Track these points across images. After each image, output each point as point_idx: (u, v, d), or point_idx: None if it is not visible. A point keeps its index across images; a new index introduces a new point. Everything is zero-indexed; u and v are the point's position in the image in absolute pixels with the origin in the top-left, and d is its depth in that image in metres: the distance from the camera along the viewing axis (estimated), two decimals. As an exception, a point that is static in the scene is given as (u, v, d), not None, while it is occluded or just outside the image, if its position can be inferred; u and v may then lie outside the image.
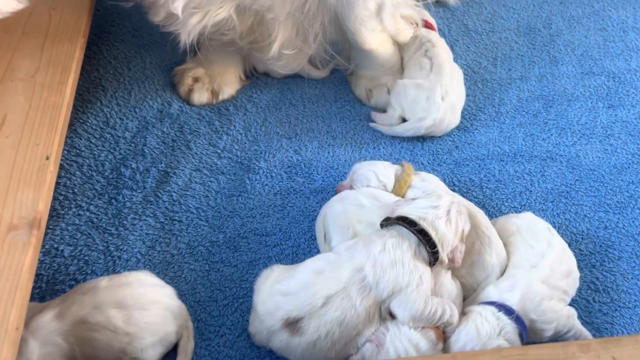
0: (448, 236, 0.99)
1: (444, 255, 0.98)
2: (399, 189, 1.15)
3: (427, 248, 0.97)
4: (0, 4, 0.89)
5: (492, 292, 1.01)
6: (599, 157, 1.34)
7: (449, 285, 1.03)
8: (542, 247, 1.04)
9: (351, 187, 1.16)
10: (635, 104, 1.46)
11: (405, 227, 0.99)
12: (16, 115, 0.98)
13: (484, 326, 0.96)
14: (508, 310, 0.97)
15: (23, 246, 0.82)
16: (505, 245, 1.09)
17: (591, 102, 1.46)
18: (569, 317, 1.01)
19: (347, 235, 1.06)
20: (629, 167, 1.32)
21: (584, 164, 1.32)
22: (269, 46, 1.27)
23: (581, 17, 1.70)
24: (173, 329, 0.96)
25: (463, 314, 1.01)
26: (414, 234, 0.98)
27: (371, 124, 1.38)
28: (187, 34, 1.12)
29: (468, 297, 1.06)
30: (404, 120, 1.35)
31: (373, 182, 1.15)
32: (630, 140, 1.38)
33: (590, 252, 1.18)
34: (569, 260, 1.06)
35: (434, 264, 0.99)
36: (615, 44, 1.62)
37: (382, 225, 1.03)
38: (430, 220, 0.99)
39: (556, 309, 1.00)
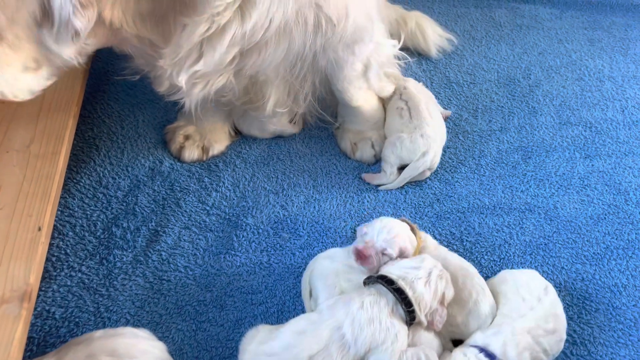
0: (426, 297, 1.03)
1: (421, 315, 1.02)
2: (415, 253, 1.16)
3: (403, 307, 1.01)
4: (31, 84, 0.92)
5: (477, 335, 1.05)
6: (576, 209, 1.38)
7: (429, 338, 1.06)
8: (533, 301, 1.08)
9: (383, 252, 1.10)
10: (611, 153, 1.51)
11: (383, 285, 1.03)
12: (10, 187, 1.03)
13: None
14: (490, 355, 1.01)
15: (14, 319, 0.86)
16: (499, 295, 1.13)
17: (569, 153, 1.51)
18: None
19: (334, 293, 1.10)
20: (605, 218, 1.36)
21: (562, 215, 1.36)
22: (264, 105, 1.34)
23: (559, 67, 1.76)
24: None
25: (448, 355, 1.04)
26: (391, 292, 1.02)
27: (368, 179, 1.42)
28: (190, 102, 1.18)
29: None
30: (399, 170, 1.40)
31: (408, 244, 1.13)
32: (606, 190, 1.42)
33: (567, 304, 1.21)
34: (558, 322, 1.09)
35: (410, 323, 1.02)
36: (592, 94, 1.67)
37: (364, 283, 1.07)
38: (409, 280, 1.03)
39: None
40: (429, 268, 1.06)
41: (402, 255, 1.11)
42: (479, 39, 1.86)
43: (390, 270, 1.06)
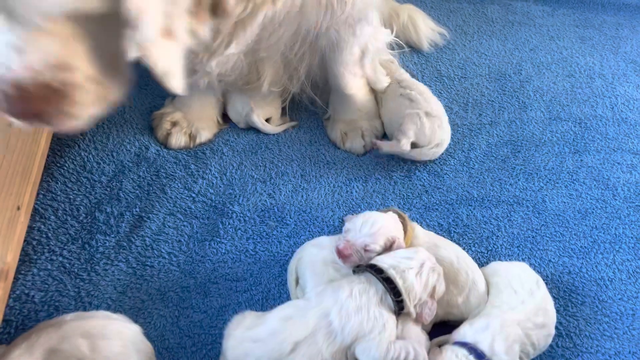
0: (416, 287, 1.01)
1: (410, 306, 1.01)
2: (406, 241, 1.15)
3: (392, 296, 1.00)
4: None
5: (467, 331, 1.04)
6: (564, 203, 1.38)
7: (417, 332, 1.05)
8: (524, 295, 1.08)
9: (365, 249, 1.07)
10: (600, 149, 1.51)
11: (372, 274, 1.02)
12: (-10, 165, 1.01)
13: None
14: (479, 355, 1.00)
15: (-11, 298, 0.84)
16: (490, 286, 1.13)
17: (558, 148, 1.51)
18: None
19: (322, 281, 1.08)
20: (592, 212, 1.36)
21: (550, 209, 1.36)
22: (260, 83, 1.33)
23: (550, 63, 1.76)
24: None
25: (438, 352, 1.03)
26: (380, 281, 1.01)
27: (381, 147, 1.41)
28: (204, 81, 1.19)
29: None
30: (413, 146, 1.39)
31: (395, 233, 1.10)
32: (594, 185, 1.42)
33: (554, 297, 1.19)
34: (548, 317, 1.09)
35: (399, 313, 1.01)
36: (582, 90, 1.68)
37: (354, 272, 1.06)
38: (400, 269, 1.02)
39: (520, 356, 1.03)
40: (421, 260, 1.04)
41: (391, 246, 1.09)
42: (470, 33, 1.85)
43: (383, 259, 1.04)
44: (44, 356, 0.90)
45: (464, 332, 1.05)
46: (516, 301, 1.08)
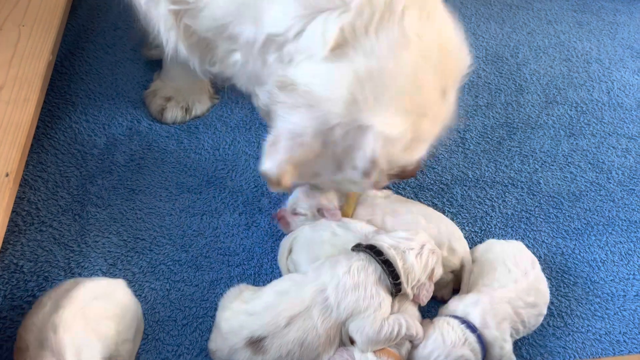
0: (415, 268, 1.00)
1: (407, 288, 1.00)
2: (348, 206, 1.15)
3: (390, 279, 0.99)
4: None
5: (457, 305, 1.04)
6: (559, 185, 1.38)
7: (413, 310, 1.05)
8: (518, 274, 1.07)
9: (295, 212, 1.14)
10: (595, 133, 1.51)
11: (372, 256, 1.01)
12: (-22, 131, 0.99)
13: (450, 335, 0.99)
14: (471, 327, 1.00)
15: (-23, 263, 0.82)
16: (484, 263, 1.12)
17: (554, 131, 1.50)
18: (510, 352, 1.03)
19: (318, 258, 1.07)
20: (586, 195, 1.36)
21: (544, 191, 1.36)
22: None
23: (547, 47, 1.75)
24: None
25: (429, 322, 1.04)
26: (379, 264, 1.00)
27: None
28: None
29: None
30: None
31: (323, 200, 1.13)
32: (589, 168, 1.42)
33: (547, 277, 1.19)
34: (540, 297, 1.08)
35: (395, 295, 1.01)
36: (578, 75, 1.67)
37: (352, 250, 1.05)
38: (401, 249, 1.01)
39: (510, 332, 1.03)
40: (422, 241, 1.04)
41: (319, 212, 1.12)
42: (468, 16, 1.84)
43: (384, 239, 1.04)
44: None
45: (454, 307, 1.05)
46: (508, 279, 1.07)
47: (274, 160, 0.93)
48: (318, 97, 0.86)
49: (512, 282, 1.07)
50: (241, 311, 0.99)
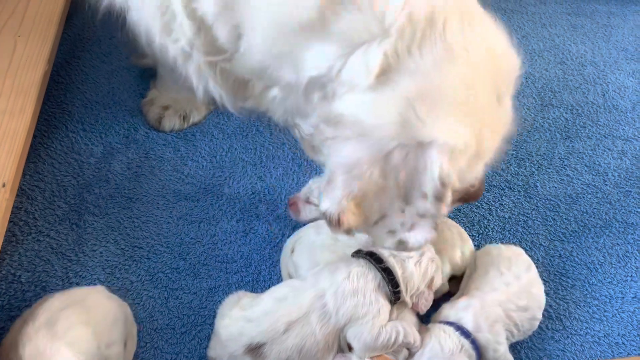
0: (414, 277, 1.01)
1: (406, 296, 1.00)
2: None
3: (390, 287, 0.99)
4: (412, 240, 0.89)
5: (449, 311, 1.04)
6: (555, 187, 1.38)
7: (412, 317, 1.05)
8: (510, 277, 1.07)
9: (308, 200, 1.17)
10: (591, 135, 1.51)
11: (372, 263, 1.01)
12: (-26, 142, 0.99)
13: (447, 342, 0.99)
14: (465, 333, 1.00)
15: (-26, 274, 0.82)
16: (479, 266, 1.12)
17: (549, 134, 1.51)
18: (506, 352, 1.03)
19: (318, 264, 1.07)
20: (583, 197, 1.36)
21: (541, 194, 1.36)
22: None
23: (542, 50, 1.76)
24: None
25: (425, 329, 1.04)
26: (379, 271, 1.00)
27: None
28: None
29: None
30: None
31: None
32: (585, 170, 1.42)
33: (544, 280, 1.20)
34: (532, 300, 1.08)
35: (394, 303, 1.01)
36: (573, 77, 1.68)
37: (352, 256, 1.05)
38: (400, 258, 1.01)
39: (504, 335, 1.03)
40: (421, 250, 1.04)
41: None
42: (463, 20, 1.85)
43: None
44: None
45: (446, 313, 1.05)
46: (499, 283, 1.07)
47: (332, 198, 0.85)
48: (367, 126, 0.81)
49: (504, 285, 1.07)
50: (240, 318, 0.99)
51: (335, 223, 0.86)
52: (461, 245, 1.13)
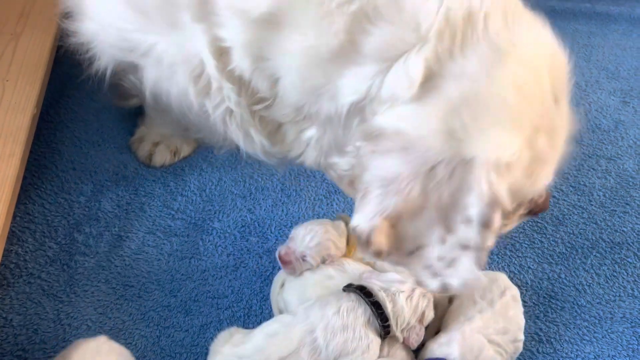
0: (405, 311, 1.01)
1: (397, 331, 1.01)
2: (349, 250, 1.17)
3: (379, 321, 1.00)
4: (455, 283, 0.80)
5: (433, 347, 1.04)
6: (542, 209, 1.39)
7: (403, 356, 1.05)
8: (483, 305, 1.08)
9: (303, 259, 1.11)
10: (575, 156, 1.53)
11: (361, 297, 1.02)
12: (-36, 189, 1.00)
13: None
14: None
15: (-36, 324, 0.82)
16: (456, 298, 1.13)
17: (534, 155, 1.53)
18: None
19: (307, 299, 1.08)
20: (569, 218, 1.38)
21: (528, 216, 1.38)
22: None
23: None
24: None
25: None
26: (368, 305, 1.01)
27: None
28: None
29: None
30: None
31: (332, 251, 1.13)
32: (571, 191, 1.44)
33: (534, 303, 1.22)
34: (510, 323, 1.09)
35: (384, 338, 1.01)
36: (556, 98, 1.70)
37: (344, 290, 1.06)
38: (391, 292, 1.02)
39: (495, 358, 1.04)
40: (413, 284, 1.04)
41: (325, 262, 1.12)
42: (446, 45, 1.88)
43: (374, 281, 1.05)
44: None
45: (431, 350, 1.05)
46: (473, 311, 1.08)
47: (364, 214, 0.78)
48: (411, 137, 0.75)
49: (478, 312, 1.07)
50: (232, 355, 0.99)
51: (364, 243, 0.79)
52: None
